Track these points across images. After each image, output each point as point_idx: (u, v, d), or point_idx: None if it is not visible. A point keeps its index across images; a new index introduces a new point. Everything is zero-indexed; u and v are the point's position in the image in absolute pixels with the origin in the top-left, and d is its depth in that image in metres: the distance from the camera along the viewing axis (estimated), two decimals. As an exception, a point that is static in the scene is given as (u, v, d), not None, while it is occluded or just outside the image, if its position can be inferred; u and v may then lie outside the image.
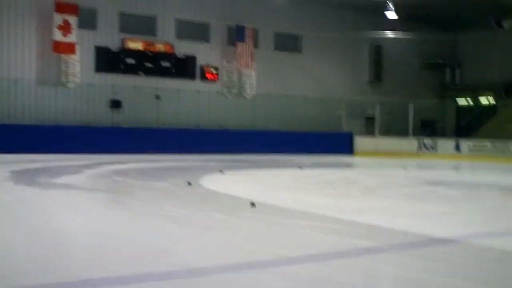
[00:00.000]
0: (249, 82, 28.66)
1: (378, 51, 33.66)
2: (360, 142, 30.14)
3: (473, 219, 8.88)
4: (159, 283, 4.74)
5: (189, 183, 12.46)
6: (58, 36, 23.07)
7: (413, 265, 5.63)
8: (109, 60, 25.01)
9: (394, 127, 31.87)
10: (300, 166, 19.19)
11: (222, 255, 5.89)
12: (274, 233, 7.33)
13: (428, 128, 32.63)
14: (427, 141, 29.95)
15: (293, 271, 5.28)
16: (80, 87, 24.21)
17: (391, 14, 29.20)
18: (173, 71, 26.64)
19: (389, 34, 32.76)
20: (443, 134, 33.46)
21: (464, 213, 9.60)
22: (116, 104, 25.05)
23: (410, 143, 29.87)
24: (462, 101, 37.30)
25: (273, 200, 10.22)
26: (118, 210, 9.09)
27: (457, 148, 29.09)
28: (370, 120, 32.19)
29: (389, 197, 11.69)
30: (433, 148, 29.54)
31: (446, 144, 29.57)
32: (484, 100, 36.61)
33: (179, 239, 6.66)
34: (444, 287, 4.89)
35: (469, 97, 36.96)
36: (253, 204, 9.24)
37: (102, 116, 24.71)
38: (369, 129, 32.16)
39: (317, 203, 10.08)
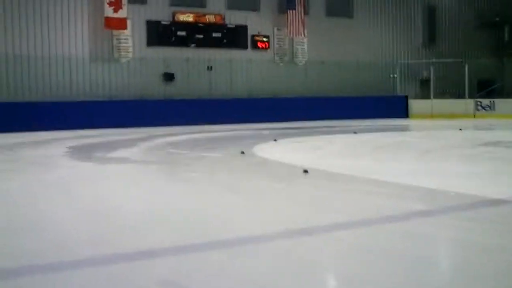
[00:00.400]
0: (300, 49, 28.47)
1: (431, 12, 32.89)
2: (415, 105, 29.67)
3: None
4: (214, 252, 4.82)
5: (242, 152, 12.53)
6: (109, 12, 23.31)
7: (463, 227, 5.57)
8: (160, 34, 25.15)
9: (450, 89, 31.21)
10: (355, 131, 19.07)
11: (274, 222, 5.94)
12: (326, 199, 7.34)
13: (486, 89, 31.83)
14: (484, 101, 29.29)
15: (344, 237, 5.30)
16: (133, 61, 24.46)
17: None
18: (224, 41, 26.62)
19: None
20: (501, 94, 32.62)
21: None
22: (168, 77, 25.24)
23: (466, 104, 29.22)
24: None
25: (327, 166, 10.20)
26: (172, 182, 9.24)
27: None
28: (424, 83, 31.63)
29: (443, 159, 11.53)
30: (491, 108, 28.87)
31: (505, 104, 28.83)
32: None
33: (233, 208, 6.74)
34: (492, 247, 4.83)
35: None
36: (306, 171, 9.26)
37: (155, 89, 24.94)
38: (424, 91, 31.60)
39: (370, 168, 10.04)
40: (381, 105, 28.61)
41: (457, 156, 11.98)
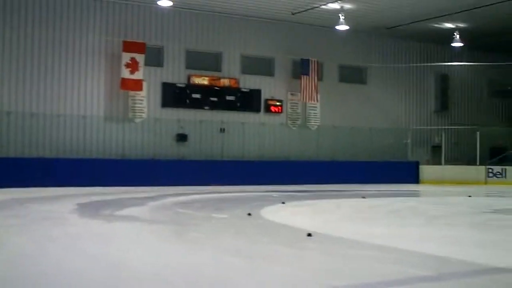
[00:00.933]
0: (313, 113, 28.74)
1: (444, 80, 33.18)
2: (426, 170, 29.71)
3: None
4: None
5: (249, 214, 12.59)
6: (125, 73, 23.78)
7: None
8: (175, 96, 25.56)
9: (462, 156, 31.25)
10: (364, 196, 19.10)
11: (269, 284, 5.98)
12: (327, 263, 7.37)
13: (497, 156, 31.81)
14: (496, 168, 29.25)
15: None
16: (147, 121, 24.82)
17: (458, 44, 28.91)
18: (238, 104, 26.96)
19: (456, 63, 32.33)
20: (512, 162, 32.60)
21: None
22: (182, 138, 25.51)
23: (477, 170, 29.22)
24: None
25: (332, 231, 10.25)
26: (177, 242, 9.29)
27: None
28: (436, 149, 31.71)
29: (451, 225, 11.53)
30: (502, 175, 28.80)
31: (516, 172, 28.81)
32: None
33: (235, 271, 6.77)
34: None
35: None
36: (309, 235, 9.30)
37: (168, 149, 25.19)
38: (435, 158, 31.66)
39: (376, 233, 10.06)
40: (393, 170, 28.64)
41: (465, 223, 11.96)
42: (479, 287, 5.96)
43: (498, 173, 29.04)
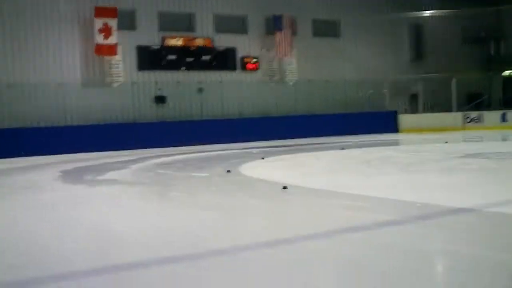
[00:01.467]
0: (289, 69, 28.95)
1: (418, 30, 33.44)
2: (404, 119, 30.15)
3: (498, 189, 9.05)
4: (182, 265, 5.24)
5: (229, 171, 12.92)
6: (99, 39, 23.81)
7: (423, 235, 5.98)
8: (151, 58, 25.65)
9: (439, 103, 31.71)
10: (343, 147, 19.46)
11: (243, 236, 6.36)
12: (299, 213, 7.74)
13: (473, 102, 32.30)
14: (473, 114, 29.75)
15: (306, 246, 5.70)
16: (125, 86, 24.93)
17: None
18: (214, 64, 27.12)
19: (428, 12, 32.55)
20: (489, 107, 33.11)
21: (496, 182, 9.79)
22: (160, 100, 25.69)
23: (454, 117, 29.70)
24: (508, 74, 36.76)
25: (307, 183, 10.56)
26: (157, 202, 9.63)
27: (503, 119, 28.86)
28: (414, 98, 32.15)
29: (422, 172, 11.92)
30: (479, 120, 29.32)
31: (492, 116, 29.32)
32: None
33: (212, 225, 7.11)
34: (443, 253, 5.26)
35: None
36: (285, 188, 9.65)
37: (147, 112, 25.38)
38: (413, 106, 32.12)
39: (349, 183, 10.42)
40: (372, 120, 29.04)
41: (436, 169, 12.35)
42: (442, 227, 6.35)
43: (476, 118, 29.54)
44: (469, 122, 29.51)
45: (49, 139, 22.18)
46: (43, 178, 13.69)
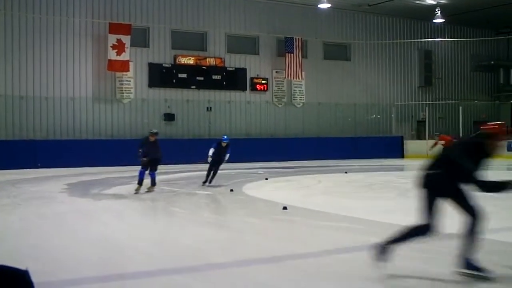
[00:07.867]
0: (298, 91, 29.23)
1: (428, 56, 33.68)
2: (410, 145, 30.32)
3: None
4: (187, 274, 5.53)
5: (231, 190, 13.18)
6: (112, 55, 24.21)
7: (411, 257, 6.22)
8: (161, 76, 25.99)
9: (446, 130, 31.85)
10: (346, 171, 19.67)
11: (237, 251, 6.64)
12: (295, 233, 8.00)
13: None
14: (478, 142, 29.77)
15: (296, 264, 5.96)
16: (135, 102, 25.29)
17: (440, 20, 29.28)
18: (224, 83, 27.42)
19: (439, 39, 32.84)
20: (496, 135, 33.16)
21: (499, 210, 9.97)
22: (169, 117, 26.00)
23: (461, 145, 29.72)
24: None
25: (307, 204, 10.81)
26: (160, 217, 9.90)
27: (510, 148, 28.99)
28: (421, 124, 32.31)
29: (416, 198, 12.08)
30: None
31: (499, 145, 29.34)
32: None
33: (211, 241, 7.38)
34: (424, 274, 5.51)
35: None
36: (285, 208, 9.90)
37: (156, 129, 25.51)
38: (420, 132, 32.29)
39: (348, 205, 10.67)
40: (377, 145, 29.22)
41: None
42: (430, 252, 6.60)
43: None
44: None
45: (57, 152, 22.47)
46: (50, 190, 13.99)
